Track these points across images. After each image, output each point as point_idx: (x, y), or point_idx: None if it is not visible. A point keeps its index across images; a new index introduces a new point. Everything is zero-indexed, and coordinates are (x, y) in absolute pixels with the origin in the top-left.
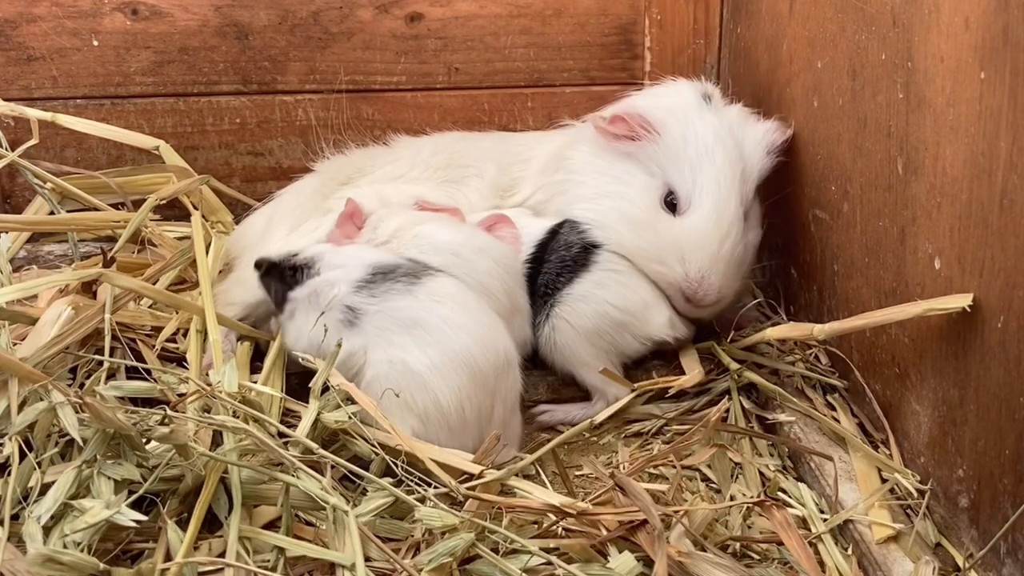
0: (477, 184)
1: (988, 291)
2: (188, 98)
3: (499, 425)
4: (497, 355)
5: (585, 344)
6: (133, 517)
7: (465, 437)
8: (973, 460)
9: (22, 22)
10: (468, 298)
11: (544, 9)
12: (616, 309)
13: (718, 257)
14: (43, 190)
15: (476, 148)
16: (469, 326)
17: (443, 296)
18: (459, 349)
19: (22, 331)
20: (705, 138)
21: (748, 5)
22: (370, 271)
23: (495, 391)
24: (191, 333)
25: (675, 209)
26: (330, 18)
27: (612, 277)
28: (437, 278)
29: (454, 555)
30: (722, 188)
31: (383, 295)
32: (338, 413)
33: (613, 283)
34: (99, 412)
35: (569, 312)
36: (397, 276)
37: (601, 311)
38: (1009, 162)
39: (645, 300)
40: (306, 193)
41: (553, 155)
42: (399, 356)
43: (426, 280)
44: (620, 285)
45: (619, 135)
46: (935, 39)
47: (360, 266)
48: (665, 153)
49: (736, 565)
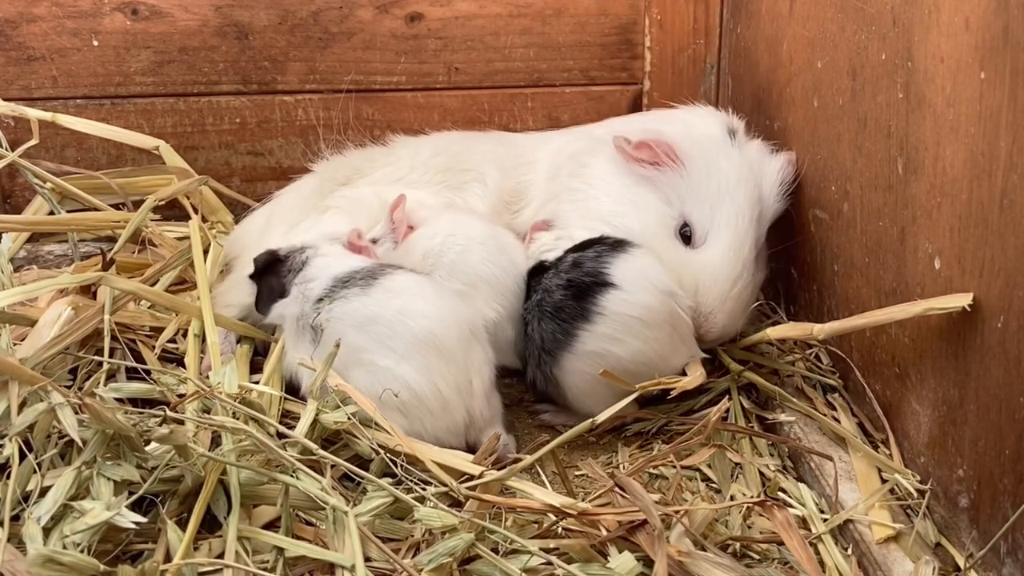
0: (480, 190)
1: (988, 291)
2: (188, 98)
3: (481, 398)
4: (460, 329)
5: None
6: (133, 519)
7: (449, 417)
8: (973, 460)
9: (22, 22)
10: (425, 287)
11: (544, 9)
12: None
13: (729, 296)
14: (43, 190)
15: (477, 151)
16: (428, 310)
17: (399, 290)
18: (419, 332)
19: (22, 331)
20: (729, 176)
21: (748, 5)
22: (331, 283)
23: (468, 366)
24: (189, 335)
25: (689, 242)
26: (330, 18)
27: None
28: (394, 275)
29: (454, 555)
30: (740, 227)
31: (338, 302)
32: (337, 414)
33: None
34: (99, 413)
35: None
36: (355, 281)
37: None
38: (1009, 162)
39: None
40: (304, 193)
41: (565, 159)
42: (365, 358)
43: (382, 279)
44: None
45: (641, 160)
46: (935, 39)
47: (324, 279)
48: (688, 186)
49: (736, 565)
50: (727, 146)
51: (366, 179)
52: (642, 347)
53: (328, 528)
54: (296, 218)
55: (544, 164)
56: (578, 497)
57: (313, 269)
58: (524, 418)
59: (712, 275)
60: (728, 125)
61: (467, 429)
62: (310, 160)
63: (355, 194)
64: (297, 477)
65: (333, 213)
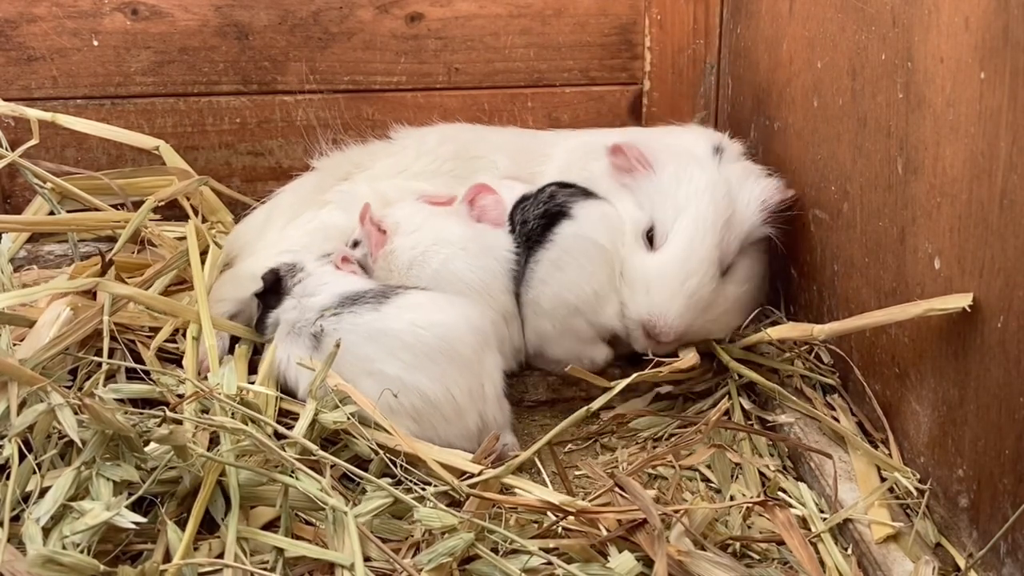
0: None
1: (988, 291)
2: (188, 98)
3: (494, 403)
4: (475, 337)
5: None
6: (133, 519)
7: (463, 423)
8: (973, 460)
9: (22, 22)
10: (439, 300)
11: (544, 9)
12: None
13: (679, 292)
14: (43, 190)
15: (488, 140)
16: (440, 318)
17: (412, 306)
18: (432, 342)
19: (22, 331)
20: (698, 184)
21: (748, 5)
22: (337, 300)
23: (480, 372)
24: (188, 338)
25: (652, 244)
26: (330, 18)
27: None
28: (406, 294)
29: (453, 555)
30: (699, 229)
31: (347, 316)
32: (336, 414)
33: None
34: (99, 413)
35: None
36: (365, 299)
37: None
38: (1009, 162)
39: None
40: (304, 189)
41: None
42: (375, 368)
43: (394, 298)
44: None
45: (619, 166)
46: (935, 39)
47: (328, 295)
48: (656, 189)
49: (736, 564)
50: (706, 160)
51: (367, 172)
52: (578, 278)
53: (328, 528)
54: (295, 213)
55: (560, 159)
56: (578, 496)
57: (311, 285)
58: (524, 418)
59: (661, 274)
60: (717, 143)
61: (479, 434)
62: (310, 160)
63: (352, 190)
64: (296, 477)
65: (331, 209)
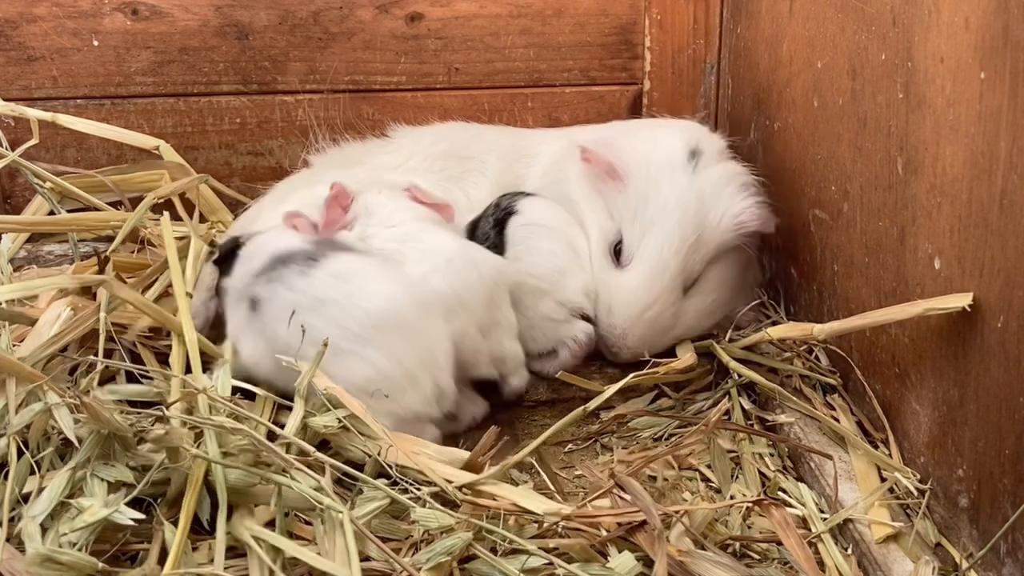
0: (480, 181)
1: (988, 291)
2: (188, 98)
3: (447, 371)
4: (414, 304)
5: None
6: (131, 515)
7: (419, 389)
8: (973, 460)
9: (22, 22)
10: (369, 268)
11: (544, 9)
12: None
13: (640, 320)
14: (43, 190)
15: (482, 139)
16: (381, 286)
17: (347, 273)
18: (375, 311)
19: (22, 332)
20: (667, 201)
21: (748, 5)
22: (269, 259)
23: (428, 338)
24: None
25: (619, 258)
26: (330, 18)
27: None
28: (338, 256)
29: (452, 554)
30: (664, 255)
31: (280, 280)
32: (327, 418)
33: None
34: (96, 412)
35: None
36: (294, 260)
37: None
38: (1009, 162)
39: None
40: (298, 180)
41: (559, 157)
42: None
43: (324, 262)
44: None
45: (591, 172)
46: (935, 39)
47: (263, 254)
48: (625, 203)
49: (736, 564)
50: (678, 170)
51: (363, 167)
52: (537, 260)
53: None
54: (286, 195)
55: (544, 160)
56: (577, 497)
57: (251, 247)
58: (525, 418)
59: (624, 299)
60: (693, 146)
61: (439, 400)
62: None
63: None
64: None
65: (324, 188)
